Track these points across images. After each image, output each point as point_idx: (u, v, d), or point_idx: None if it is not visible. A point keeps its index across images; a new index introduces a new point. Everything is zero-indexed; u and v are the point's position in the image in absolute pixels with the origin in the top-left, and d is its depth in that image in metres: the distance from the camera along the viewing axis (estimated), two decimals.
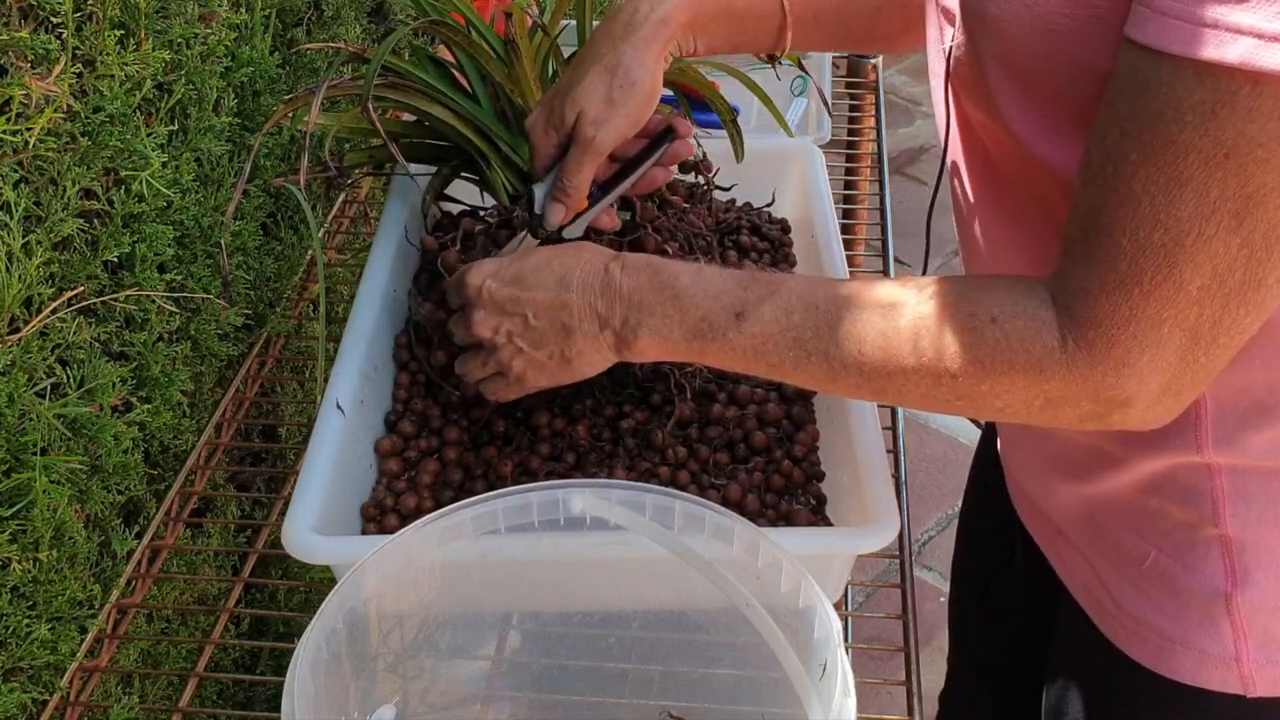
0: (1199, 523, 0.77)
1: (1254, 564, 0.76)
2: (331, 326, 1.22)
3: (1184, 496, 0.77)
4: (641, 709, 0.80)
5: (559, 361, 0.81)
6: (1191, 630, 0.78)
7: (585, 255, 0.81)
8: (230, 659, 1.25)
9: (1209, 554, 0.77)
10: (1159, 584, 0.79)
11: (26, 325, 0.88)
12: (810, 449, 0.96)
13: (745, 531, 0.72)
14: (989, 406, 0.69)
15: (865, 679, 0.78)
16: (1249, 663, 0.77)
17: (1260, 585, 0.76)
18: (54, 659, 0.92)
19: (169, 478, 1.11)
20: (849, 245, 1.23)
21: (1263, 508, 0.75)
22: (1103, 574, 0.83)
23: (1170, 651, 0.79)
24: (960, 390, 0.68)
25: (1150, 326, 0.62)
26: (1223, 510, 0.75)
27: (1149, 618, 0.80)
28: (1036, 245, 0.76)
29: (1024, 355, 0.66)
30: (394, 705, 0.74)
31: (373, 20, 1.58)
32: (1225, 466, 0.75)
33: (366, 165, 1.11)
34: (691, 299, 0.75)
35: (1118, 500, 0.81)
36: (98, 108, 0.93)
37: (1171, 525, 0.78)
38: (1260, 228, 0.59)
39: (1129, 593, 0.81)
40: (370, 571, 0.70)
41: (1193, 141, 0.58)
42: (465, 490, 0.92)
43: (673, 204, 1.00)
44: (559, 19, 1.02)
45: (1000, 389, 0.67)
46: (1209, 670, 0.78)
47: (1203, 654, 0.78)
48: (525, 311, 0.81)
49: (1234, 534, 0.76)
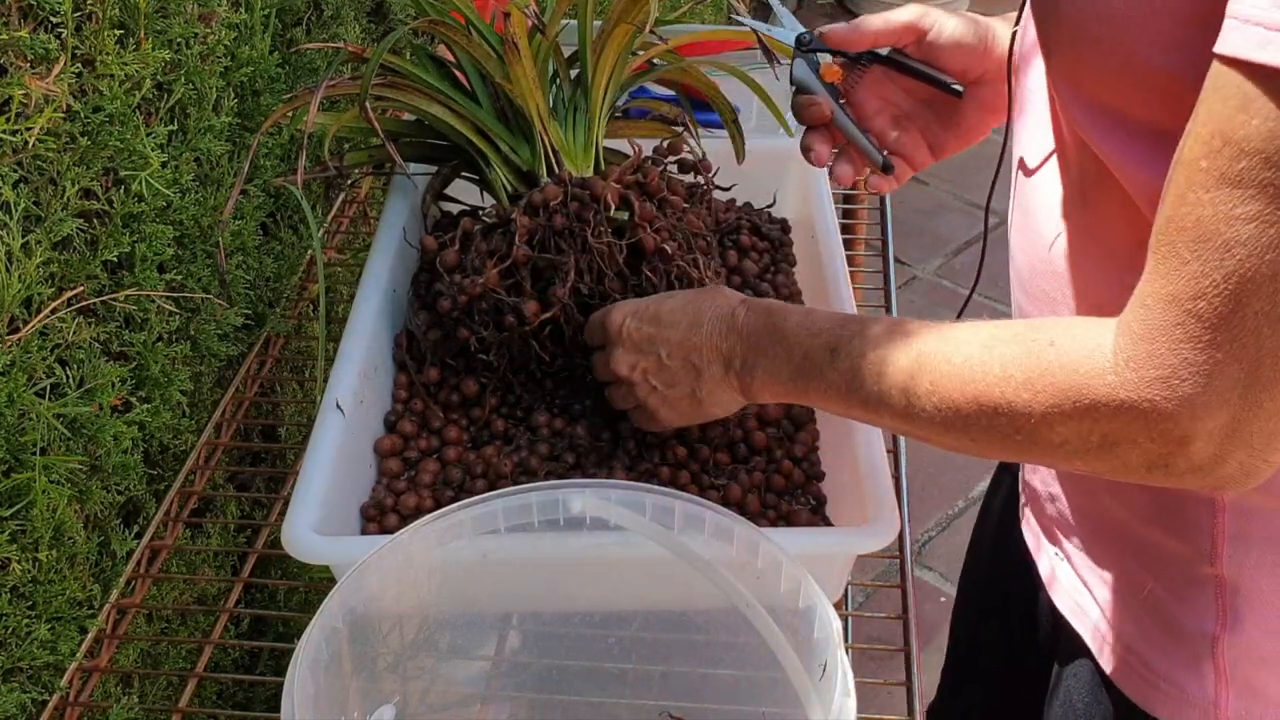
0: (1194, 559, 0.75)
1: (1245, 609, 0.74)
2: (331, 326, 1.22)
3: (1182, 531, 0.75)
4: (641, 709, 0.80)
5: (691, 401, 0.85)
6: (1177, 669, 0.77)
7: (720, 298, 0.83)
8: (230, 659, 1.25)
9: (1202, 593, 0.75)
10: (1153, 616, 0.78)
11: (26, 325, 0.88)
12: (810, 449, 0.96)
13: (745, 531, 0.72)
14: (1047, 442, 0.66)
15: (865, 679, 0.78)
16: (1226, 710, 0.75)
17: (1248, 633, 0.74)
18: (54, 659, 0.92)
19: (169, 478, 1.11)
20: (849, 245, 1.23)
21: (1261, 552, 0.73)
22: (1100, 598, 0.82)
23: (1153, 685, 0.78)
24: (1018, 421, 0.66)
25: (1202, 348, 0.58)
26: (1221, 550, 0.73)
27: (1139, 648, 0.79)
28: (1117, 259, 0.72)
29: (1073, 375, 0.63)
30: (394, 705, 0.74)
31: (372, 20, 1.58)
32: (1230, 505, 0.73)
33: (366, 165, 1.11)
34: (796, 339, 0.78)
35: (1119, 523, 0.79)
36: (97, 107, 0.93)
37: (1168, 558, 0.76)
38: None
39: (1125, 622, 0.80)
40: (370, 571, 0.70)
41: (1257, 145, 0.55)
42: (465, 490, 0.92)
43: (672, 204, 1.00)
44: (559, 19, 1.02)
45: (1053, 417, 0.64)
46: (1186, 712, 0.77)
47: (1183, 693, 0.76)
48: (660, 351, 0.84)
49: (1229, 575, 0.74)
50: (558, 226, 0.94)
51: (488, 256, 0.95)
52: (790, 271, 1.16)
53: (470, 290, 0.93)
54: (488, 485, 0.92)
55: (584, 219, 0.94)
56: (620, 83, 1.05)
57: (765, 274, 1.14)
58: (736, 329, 0.81)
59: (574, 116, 1.03)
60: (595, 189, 0.95)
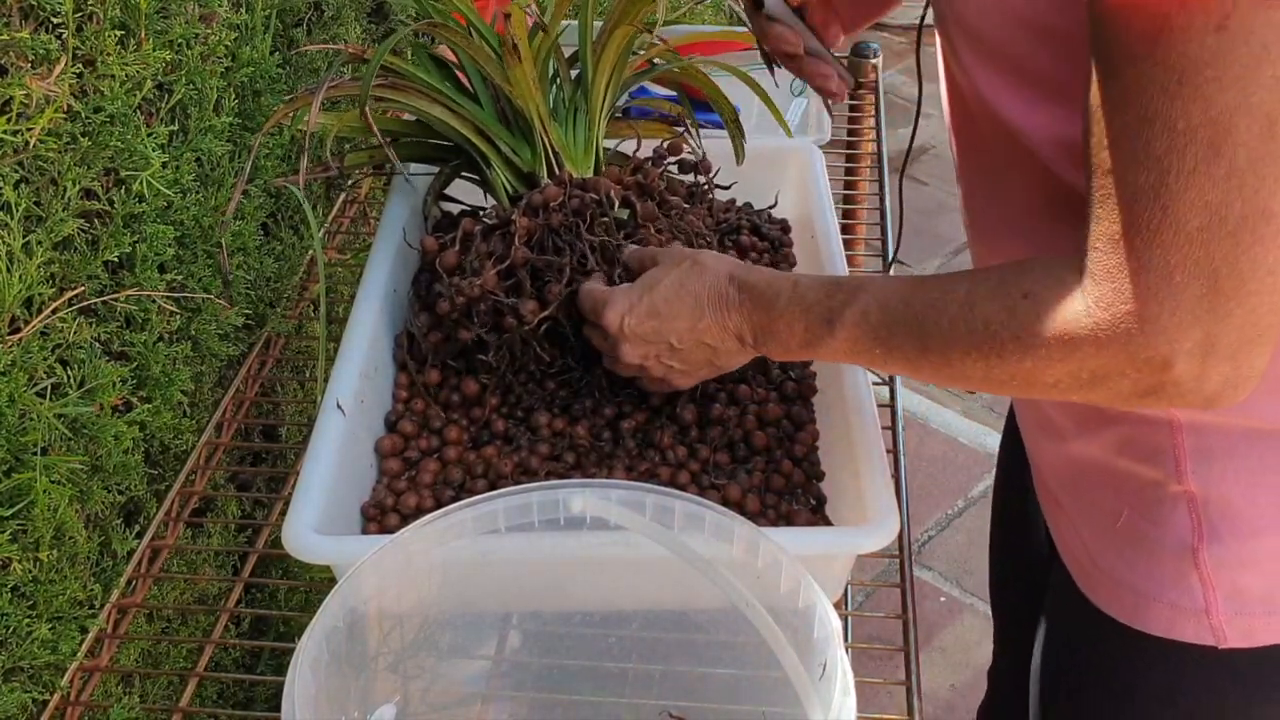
0: (1164, 480, 0.78)
1: (1219, 519, 0.77)
2: (331, 326, 1.22)
3: (1149, 455, 0.78)
4: (641, 709, 0.80)
5: (709, 368, 0.90)
6: (1163, 585, 0.80)
7: (707, 276, 0.86)
8: (230, 659, 1.25)
9: (1175, 510, 0.78)
10: (1132, 542, 0.81)
11: (27, 325, 0.88)
12: (810, 449, 0.96)
13: (745, 531, 0.72)
14: (1042, 384, 0.69)
15: (865, 679, 0.78)
16: (1219, 614, 0.78)
17: (1224, 540, 0.77)
18: (54, 659, 0.92)
19: (169, 477, 1.11)
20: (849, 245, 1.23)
21: (1224, 464, 0.76)
22: (1084, 535, 0.85)
23: (1145, 606, 0.81)
24: (1011, 369, 0.69)
25: (1161, 275, 0.61)
26: (1185, 467, 0.77)
27: (1124, 575, 0.82)
28: (1014, 207, 0.78)
29: (1053, 324, 0.66)
30: (394, 705, 0.74)
31: (373, 20, 1.58)
32: (1185, 423, 0.76)
33: (367, 165, 1.12)
34: (793, 316, 0.81)
35: (1092, 461, 0.83)
36: (98, 108, 0.93)
37: (1140, 484, 0.80)
38: (1240, 152, 0.57)
39: (1106, 553, 0.83)
40: (370, 571, 0.70)
41: (1148, 73, 0.58)
42: (465, 490, 0.92)
43: (672, 204, 1.00)
44: (559, 19, 1.02)
45: (1042, 364, 0.67)
46: (1181, 623, 0.79)
47: (1175, 607, 0.79)
48: (669, 339, 0.87)
49: (1197, 490, 0.77)
50: (557, 226, 0.94)
51: (488, 257, 0.95)
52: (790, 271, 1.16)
53: (469, 292, 0.93)
54: (488, 485, 0.92)
55: (584, 218, 0.94)
56: (620, 83, 1.06)
57: None
58: (735, 308, 0.84)
59: (574, 117, 1.03)
60: (596, 189, 0.95)
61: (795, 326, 0.80)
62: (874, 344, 0.76)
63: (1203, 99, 0.57)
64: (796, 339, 0.81)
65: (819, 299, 0.80)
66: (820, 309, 0.79)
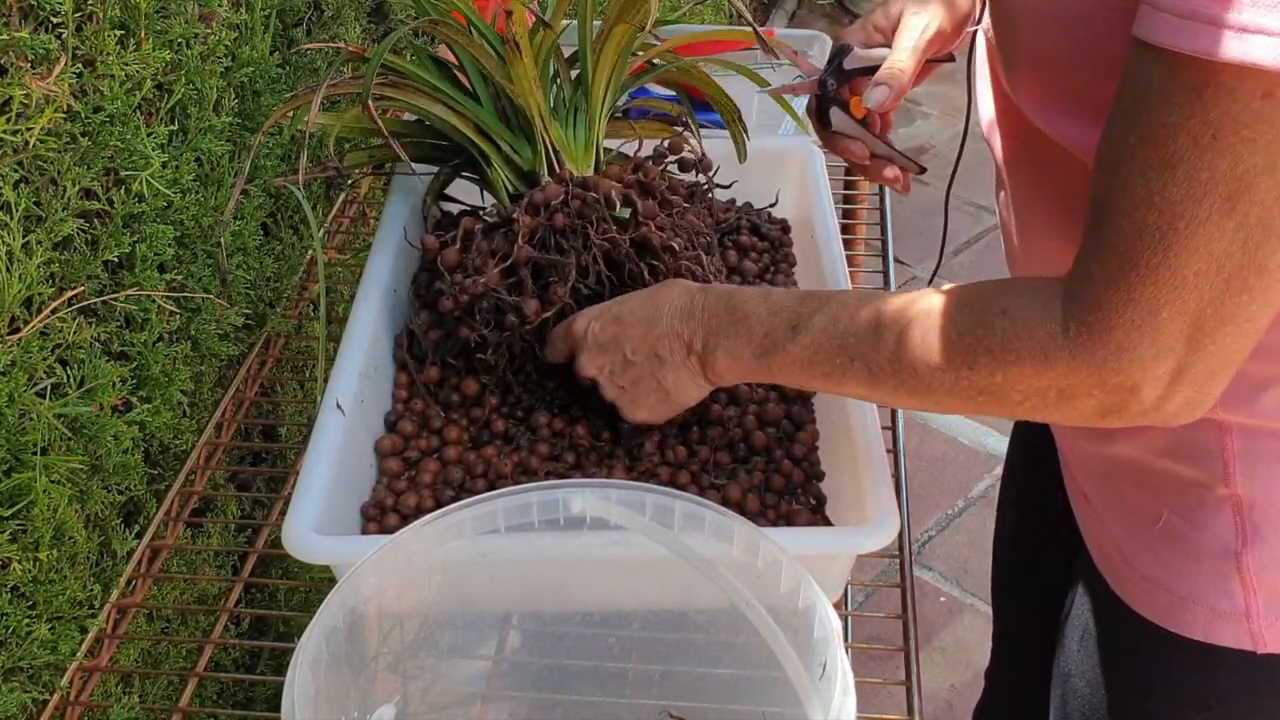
0: (1210, 483, 0.78)
1: (1264, 522, 0.77)
2: (331, 326, 1.22)
3: (1195, 457, 0.78)
4: (641, 709, 0.80)
5: (658, 394, 0.87)
6: (1202, 587, 0.79)
7: (677, 289, 0.86)
8: (230, 659, 1.25)
9: (1219, 513, 0.78)
10: (1170, 544, 0.80)
11: (27, 325, 0.88)
12: (810, 449, 0.96)
13: (745, 531, 0.72)
14: (1009, 400, 0.70)
15: (865, 679, 0.78)
16: (1259, 619, 0.78)
17: (1270, 543, 0.77)
18: (54, 659, 0.92)
19: (169, 477, 1.11)
20: (849, 245, 1.23)
21: (1271, 466, 0.76)
22: (1117, 535, 0.85)
23: (1181, 608, 0.80)
24: (978, 383, 0.70)
25: (1148, 311, 0.62)
26: (1233, 470, 0.77)
27: (1160, 577, 0.81)
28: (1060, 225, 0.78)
29: (1029, 343, 0.67)
30: (394, 705, 0.74)
31: (373, 20, 1.58)
32: (1235, 425, 0.76)
33: (367, 165, 1.12)
34: (758, 318, 0.80)
35: (1131, 461, 0.82)
36: (98, 108, 0.93)
37: (1181, 485, 0.79)
38: (1255, 210, 0.59)
39: (1142, 554, 0.82)
40: (370, 571, 0.70)
41: (1181, 123, 0.59)
42: (465, 490, 0.92)
43: (672, 203, 1.00)
44: (560, 18, 1.02)
45: (1012, 380, 0.68)
46: (1220, 627, 0.79)
47: (1213, 610, 0.79)
48: (625, 349, 0.86)
49: (1244, 493, 0.77)
50: (559, 225, 0.94)
51: (489, 256, 0.95)
52: (790, 271, 1.16)
53: (472, 290, 0.93)
54: (488, 485, 0.92)
55: (586, 217, 0.94)
56: (620, 83, 1.05)
57: (765, 274, 1.14)
58: (696, 315, 0.84)
59: (574, 116, 1.03)
60: (597, 187, 0.95)
61: (756, 331, 0.80)
62: (835, 354, 0.76)
63: (1231, 155, 0.58)
64: (754, 344, 0.80)
65: (789, 305, 0.80)
66: (788, 313, 0.79)
